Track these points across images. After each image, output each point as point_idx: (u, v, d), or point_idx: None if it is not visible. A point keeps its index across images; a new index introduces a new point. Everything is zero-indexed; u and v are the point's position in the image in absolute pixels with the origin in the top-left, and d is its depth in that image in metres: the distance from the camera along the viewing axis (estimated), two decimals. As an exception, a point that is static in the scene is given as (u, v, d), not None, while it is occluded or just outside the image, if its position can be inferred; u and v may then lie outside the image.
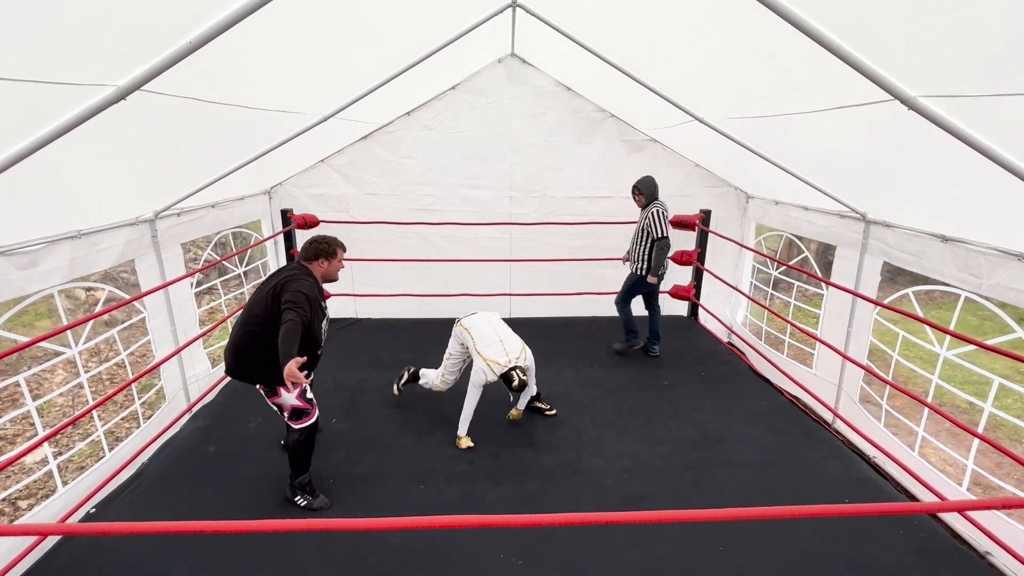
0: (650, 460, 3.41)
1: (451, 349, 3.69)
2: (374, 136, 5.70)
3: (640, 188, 4.49)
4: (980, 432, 2.89)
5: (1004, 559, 2.87)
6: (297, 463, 2.90)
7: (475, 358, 3.40)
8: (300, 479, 2.93)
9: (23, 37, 1.56)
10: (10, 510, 4.36)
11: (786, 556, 2.64)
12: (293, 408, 2.78)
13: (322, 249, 2.86)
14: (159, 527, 1.41)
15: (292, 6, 2.26)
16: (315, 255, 2.86)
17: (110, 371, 6.53)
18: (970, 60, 1.80)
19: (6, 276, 2.74)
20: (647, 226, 4.49)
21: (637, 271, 4.69)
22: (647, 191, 4.49)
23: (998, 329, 3.48)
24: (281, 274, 2.78)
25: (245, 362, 2.74)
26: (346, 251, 3.01)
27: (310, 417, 2.82)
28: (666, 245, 4.46)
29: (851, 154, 3.38)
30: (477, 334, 3.46)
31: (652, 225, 4.45)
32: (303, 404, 2.79)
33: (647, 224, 4.49)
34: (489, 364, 3.30)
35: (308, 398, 2.82)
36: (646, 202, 4.52)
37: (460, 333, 3.58)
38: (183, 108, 2.67)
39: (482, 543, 2.69)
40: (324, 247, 2.86)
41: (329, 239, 2.90)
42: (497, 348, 3.37)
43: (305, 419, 2.81)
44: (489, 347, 3.38)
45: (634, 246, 4.67)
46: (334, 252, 2.89)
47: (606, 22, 3.30)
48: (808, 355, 5.41)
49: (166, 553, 2.59)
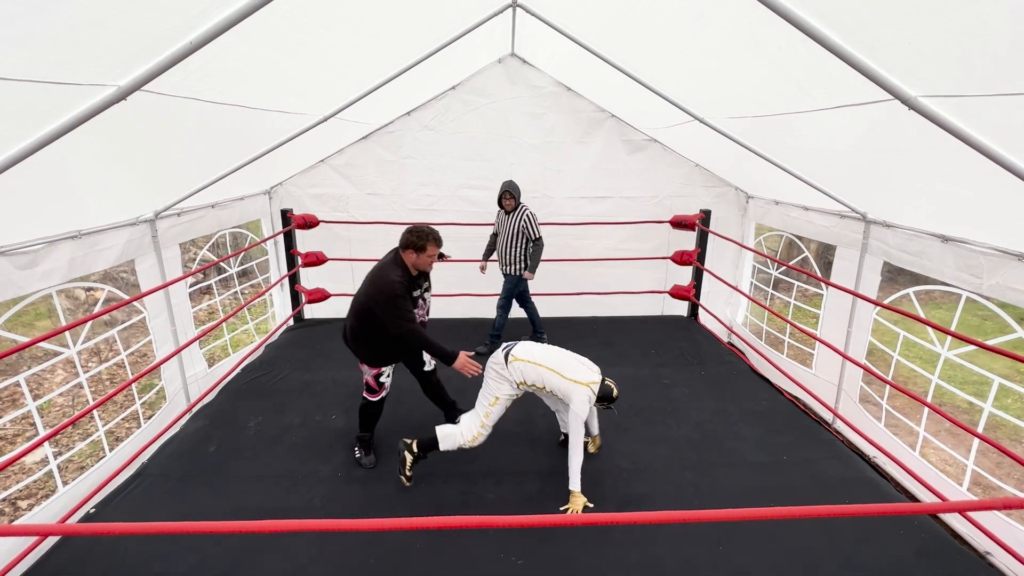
0: (650, 460, 3.41)
1: (498, 392, 2.99)
2: (374, 136, 5.70)
3: (512, 192, 4.52)
4: (980, 432, 2.89)
5: (1004, 559, 2.87)
6: (361, 420, 3.32)
7: (568, 389, 2.87)
8: (361, 434, 3.34)
9: (23, 37, 1.56)
10: (10, 510, 4.36)
11: (786, 556, 2.64)
12: (367, 383, 3.19)
13: (411, 241, 2.87)
14: (159, 527, 1.41)
15: (292, 6, 2.27)
16: (405, 245, 2.90)
17: (110, 371, 6.53)
18: (970, 60, 1.80)
19: (6, 276, 2.74)
20: (524, 229, 4.59)
21: (515, 272, 4.74)
22: (517, 195, 4.58)
23: (998, 329, 3.48)
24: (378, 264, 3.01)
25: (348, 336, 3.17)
26: (441, 245, 2.95)
27: (376, 395, 3.23)
28: (542, 244, 4.70)
29: (851, 154, 3.38)
30: (553, 363, 2.93)
31: (528, 227, 4.59)
32: (373, 384, 3.18)
33: (524, 227, 4.58)
34: (590, 387, 2.88)
35: (380, 382, 3.19)
36: (515, 205, 4.58)
37: (518, 370, 2.94)
38: (183, 108, 2.67)
39: (482, 543, 2.69)
40: (414, 239, 2.87)
41: (422, 231, 2.89)
42: (583, 369, 2.95)
43: (372, 395, 3.23)
44: (577, 370, 2.92)
45: (509, 249, 4.68)
46: (424, 247, 2.88)
47: (606, 22, 3.30)
48: (808, 355, 5.41)
49: (166, 553, 2.59)
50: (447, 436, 3.01)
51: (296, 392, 4.19)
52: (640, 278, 6.25)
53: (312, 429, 3.70)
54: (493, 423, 3.04)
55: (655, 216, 6.04)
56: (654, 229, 6.10)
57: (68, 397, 6.00)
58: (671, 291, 5.99)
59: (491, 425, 3.04)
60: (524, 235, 4.62)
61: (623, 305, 6.19)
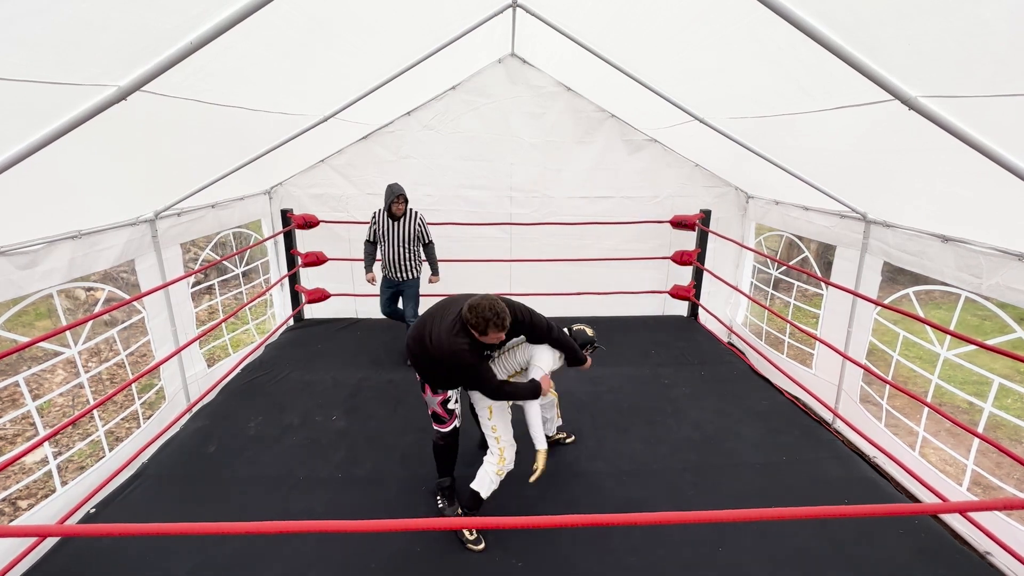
0: (650, 461, 3.41)
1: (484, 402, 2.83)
2: (374, 136, 5.70)
3: (406, 196, 4.44)
4: (980, 432, 2.89)
5: (1004, 559, 2.87)
6: (438, 463, 2.96)
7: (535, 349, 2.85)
8: (440, 480, 2.98)
9: (23, 37, 1.56)
10: (10, 510, 4.36)
11: (786, 556, 2.64)
12: (433, 412, 2.84)
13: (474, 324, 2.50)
14: (159, 528, 1.41)
15: (292, 7, 2.26)
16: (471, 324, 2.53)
17: (110, 371, 6.53)
18: (971, 60, 1.80)
19: (6, 276, 2.74)
20: (419, 232, 4.55)
21: (413, 276, 4.66)
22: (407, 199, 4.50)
23: (998, 329, 3.48)
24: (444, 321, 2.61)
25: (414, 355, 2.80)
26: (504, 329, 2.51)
27: (446, 426, 2.85)
28: (434, 244, 4.72)
29: (851, 154, 3.38)
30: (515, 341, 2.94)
31: (423, 230, 4.58)
32: (442, 412, 2.82)
33: (419, 230, 4.54)
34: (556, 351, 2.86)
35: (449, 409, 2.83)
36: (405, 208, 4.48)
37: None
38: (184, 108, 2.67)
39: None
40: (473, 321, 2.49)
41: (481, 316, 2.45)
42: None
43: (442, 426, 2.86)
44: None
45: (405, 254, 4.53)
46: (485, 331, 2.50)
47: (606, 22, 3.30)
48: (808, 355, 5.41)
49: (166, 553, 2.59)
50: (480, 481, 2.78)
51: (296, 392, 4.20)
52: (640, 278, 6.25)
53: (312, 429, 3.70)
54: (507, 434, 2.82)
55: (655, 216, 6.04)
56: (654, 229, 6.10)
57: (68, 397, 6.00)
58: (671, 291, 5.99)
59: (507, 439, 2.81)
60: (419, 239, 4.56)
61: (623, 305, 6.19)
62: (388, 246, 4.52)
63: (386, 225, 4.51)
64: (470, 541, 2.70)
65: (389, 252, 4.53)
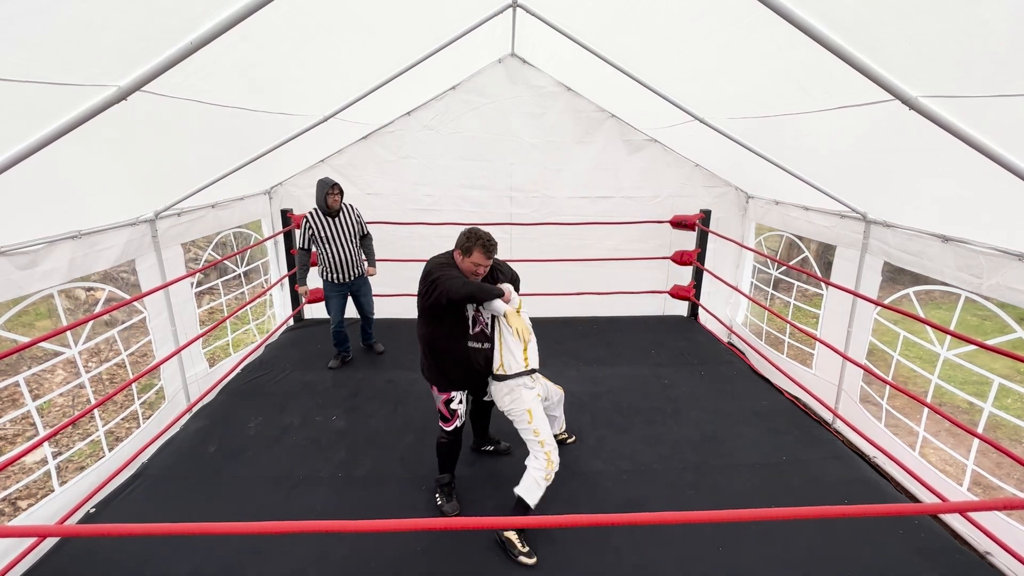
0: (650, 461, 3.41)
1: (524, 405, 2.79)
2: (374, 136, 5.70)
3: (341, 188, 4.20)
4: (980, 432, 2.89)
5: (1004, 559, 2.87)
6: (440, 460, 3.00)
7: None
8: (439, 477, 3.02)
9: (24, 37, 1.56)
10: (10, 510, 4.36)
11: (786, 557, 2.64)
12: (438, 411, 2.90)
13: (460, 241, 2.61)
14: (159, 528, 1.41)
15: (292, 7, 2.26)
16: (457, 244, 2.63)
17: (110, 371, 6.53)
18: (971, 60, 1.80)
19: (6, 276, 2.74)
20: (360, 224, 4.41)
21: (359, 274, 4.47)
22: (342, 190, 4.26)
23: (998, 329, 3.48)
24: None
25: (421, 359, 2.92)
26: (490, 255, 2.59)
27: (449, 424, 2.89)
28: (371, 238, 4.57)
29: (851, 154, 3.38)
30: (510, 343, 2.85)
31: (363, 221, 4.47)
32: (444, 411, 2.87)
33: (359, 221, 4.41)
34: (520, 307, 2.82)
35: (452, 409, 2.87)
36: (341, 201, 4.25)
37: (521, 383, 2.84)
38: (184, 109, 2.67)
39: (482, 545, 2.69)
40: (463, 240, 2.60)
41: (474, 235, 2.57)
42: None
43: (446, 424, 2.90)
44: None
45: (348, 251, 4.28)
46: (469, 250, 2.59)
47: (606, 22, 3.30)
48: (808, 355, 5.41)
49: (166, 553, 2.59)
50: (527, 487, 2.68)
51: (296, 392, 4.19)
52: (640, 278, 6.25)
53: (312, 429, 3.70)
54: (550, 436, 2.77)
55: (655, 216, 6.04)
56: (654, 229, 6.10)
57: (68, 397, 6.00)
58: (671, 291, 5.99)
59: (551, 442, 2.75)
60: (359, 233, 4.39)
61: (623, 305, 6.19)
62: (334, 247, 4.22)
63: (326, 225, 4.21)
64: (523, 554, 2.56)
65: (337, 253, 4.24)
